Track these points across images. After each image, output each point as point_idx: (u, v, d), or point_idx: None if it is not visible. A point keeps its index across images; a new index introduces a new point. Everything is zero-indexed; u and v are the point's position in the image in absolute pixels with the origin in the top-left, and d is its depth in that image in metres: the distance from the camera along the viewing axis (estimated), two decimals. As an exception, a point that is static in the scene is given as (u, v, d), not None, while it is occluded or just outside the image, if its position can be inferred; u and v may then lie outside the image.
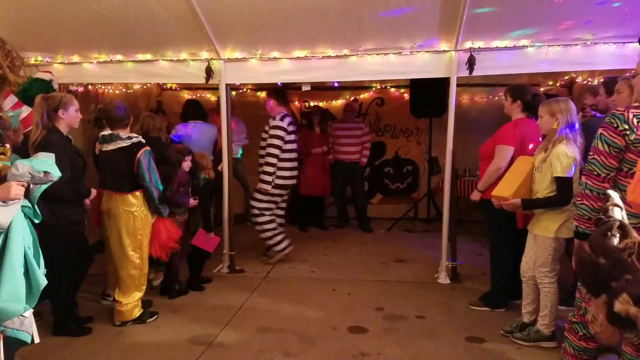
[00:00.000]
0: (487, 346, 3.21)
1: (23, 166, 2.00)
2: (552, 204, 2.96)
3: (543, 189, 3.00)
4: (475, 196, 3.66)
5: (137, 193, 3.45)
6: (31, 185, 2.07)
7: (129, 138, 3.41)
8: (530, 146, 3.43)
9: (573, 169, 2.88)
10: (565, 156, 2.86)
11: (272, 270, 4.77)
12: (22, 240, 2.04)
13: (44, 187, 2.13)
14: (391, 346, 3.20)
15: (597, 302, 1.45)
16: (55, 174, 2.10)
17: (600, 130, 2.13)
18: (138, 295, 3.55)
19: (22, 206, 2.06)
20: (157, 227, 3.58)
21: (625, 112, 2.07)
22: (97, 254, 3.70)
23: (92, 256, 3.54)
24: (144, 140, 3.50)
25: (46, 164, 2.08)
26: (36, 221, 2.18)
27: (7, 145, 2.23)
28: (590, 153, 2.17)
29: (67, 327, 3.33)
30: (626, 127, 2.04)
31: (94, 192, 3.39)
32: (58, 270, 3.08)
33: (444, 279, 4.38)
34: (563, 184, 2.88)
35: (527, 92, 3.54)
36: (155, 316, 3.64)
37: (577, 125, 2.95)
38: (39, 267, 2.11)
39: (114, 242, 3.47)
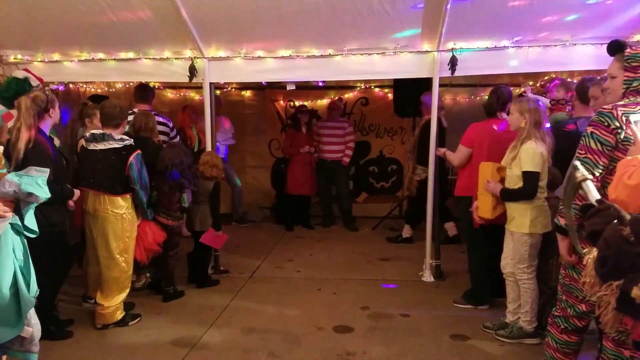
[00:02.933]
0: (471, 343, 3.25)
1: (11, 183, 1.90)
2: (516, 196, 3.06)
3: (512, 184, 3.12)
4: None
5: (127, 196, 3.42)
6: (20, 202, 1.97)
7: (122, 140, 3.36)
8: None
9: (540, 165, 2.98)
10: (532, 151, 2.98)
11: (257, 271, 4.75)
12: (13, 259, 1.95)
13: (35, 204, 2.03)
14: (376, 345, 3.22)
15: (610, 287, 1.45)
16: (42, 196, 1.99)
17: (590, 129, 2.11)
18: (120, 297, 3.49)
19: (12, 223, 1.97)
20: (142, 229, 3.54)
21: (613, 110, 2.06)
22: (77, 255, 3.66)
23: (73, 258, 3.48)
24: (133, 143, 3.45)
25: (35, 183, 1.97)
26: (31, 236, 2.09)
27: (1, 151, 2.15)
28: (582, 152, 2.13)
29: (48, 330, 3.25)
30: (617, 124, 2.03)
31: (77, 193, 3.31)
32: (38, 272, 3.02)
33: (428, 277, 4.42)
34: (528, 178, 3.00)
35: (490, 96, 3.78)
36: (138, 318, 3.60)
37: (545, 125, 3.06)
38: (30, 288, 2.02)
39: (100, 244, 3.40)
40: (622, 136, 2.04)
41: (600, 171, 2.10)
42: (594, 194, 1.74)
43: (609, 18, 3.68)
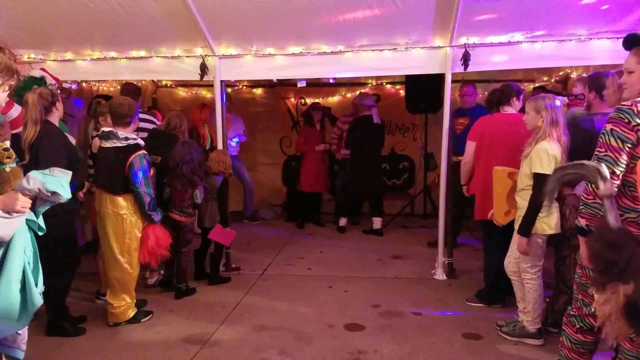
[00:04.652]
0: (483, 342, 3.21)
1: (35, 181, 1.91)
2: (532, 207, 2.94)
3: (521, 182, 3.05)
4: (465, 191, 3.94)
5: (128, 196, 3.36)
6: (37, 200, 1.99)
7: (126, 139, 3.34)
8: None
9: (551, 167, 2.87)
10: (545, 153, 2.87)
11: (268, 268, 4.76)
12: (23, 254, 1.97)
13: (50, 204, 2.06)
14: (388, 343, 3.19)
15: (612, 293, 1.36)
16: (65, 195, 2.01)
17: (610, 126, 2.05)
18: (129, 299, 3.49)
19: (26, 219, 1.99)
20: (145, 233, 3.46)
21: (633, 106, 2.01)
22: (85, 254, 3.69)
23: (80, 256, 3.51)
24: (142, 143, 3.44)
25: (59, 183, 1.98)
26: (40, 233, 2.11)
27: (8, 145, 2.17)
28: (602, 150, 2.07)
29: (61, 327, 3.30)
30: (638, 121, 1.98)
31: (87, 184, 3.41)
32: (50, 265, 3.06)
33: (440, 275, 4.38)
34: (539, 180, 2.89)
35: (491, 92, 3.82)
36: (150, 315, 3.62)
37: (562, 123, 2.95)
38: (37, 285, 2.04)
39: (103, 243, 3.42)
40: None
41: (622, 169, 2.04)
42: (613, 215, 1.57)
43: (625, 11, 3.60)
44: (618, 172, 2.04)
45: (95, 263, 3.97)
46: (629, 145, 2.01)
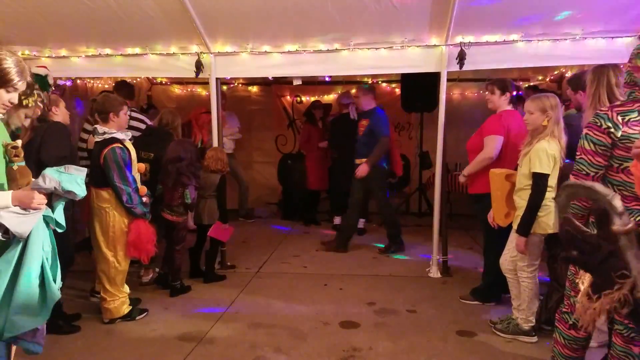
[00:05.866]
0: (478, 339, 3.23)
1: (51, 180, 1.93)
2: (531, 206, 2.93)
3: (519, 182, 3.04)
4: (462, 179, 3.86)
5: (111, 190, 3.35)
6: (53, 196, 2.02)
7: (104, 133, 3.35)
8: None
9: (550, 167, 2.88)
10: (544, 153, 2.87)
11: (264, 266, 4.76)
12: (41, 250, 2.00)
13: (65, 201, 2.09)
14: (382, 341, 3.21)
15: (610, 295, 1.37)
16: (80, 194, 2.04)
17: (585, 131, 2.17)
18: (119, 294, 3.48)
19: (43, 215, 2.01)
20: (128, 227, 3.42)
21: (608, 111, 2.10)
22: (79, 252, 3.68)
23: (73, 254, 3.50)
24: (121, 137, 3.39)
25: (74, 182, 2.02)
26: (59, 230, 2.13)
27: (19, 144, 2.16)
28: (578, 153, 2.19)
29: (55, 324, 3.28)
30: (609, 124, 2.06)
31: None
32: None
33: (435, 273, 4.40)
34: (538, 180, 2.89)
35: (513, 86, 3.74)
36: (145, 313, 3.61)
37: (562, 122, 2.95)
38: (55, 280, 2.07)
39: (92, 237, 3.46)
40: (618, 134, 2.06)
41: (595, 170, 2.14)
42: (633, 254, 1.36)
43: (621, 11, 3.62)
44: (592, 174, 2.15)
45: (90, 260, 3.96)
46: (603, 148, 2.11)
